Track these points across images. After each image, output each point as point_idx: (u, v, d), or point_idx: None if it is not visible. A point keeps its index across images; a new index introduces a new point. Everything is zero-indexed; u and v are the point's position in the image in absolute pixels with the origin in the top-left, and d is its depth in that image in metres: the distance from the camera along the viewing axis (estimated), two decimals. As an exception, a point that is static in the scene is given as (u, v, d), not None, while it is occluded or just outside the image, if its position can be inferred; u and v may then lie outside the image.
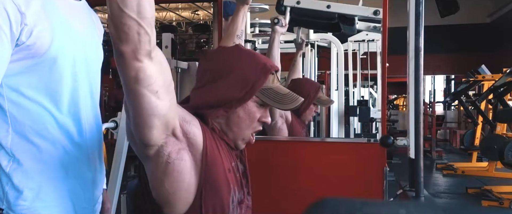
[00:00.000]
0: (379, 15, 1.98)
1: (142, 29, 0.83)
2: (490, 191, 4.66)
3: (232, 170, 1.09)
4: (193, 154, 1.00)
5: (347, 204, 0.35)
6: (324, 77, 4.18)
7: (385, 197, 1.87)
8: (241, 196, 1.11)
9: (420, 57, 1.10)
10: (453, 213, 0.35)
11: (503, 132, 5.78)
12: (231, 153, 1.12)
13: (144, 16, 0.83)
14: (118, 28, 0.83)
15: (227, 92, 1.06)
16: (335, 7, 2.05)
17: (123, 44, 0.83)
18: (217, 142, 1.06)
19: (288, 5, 2.05)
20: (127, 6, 0.81)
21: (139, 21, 0.82)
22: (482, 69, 6.24)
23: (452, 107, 11.69)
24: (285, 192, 1.96)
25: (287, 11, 2.06)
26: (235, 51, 1.14)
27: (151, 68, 0.87)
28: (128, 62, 0.84)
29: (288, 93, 1.12)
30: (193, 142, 1.00)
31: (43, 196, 1.05)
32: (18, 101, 1.01)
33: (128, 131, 0.98)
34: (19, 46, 0.97)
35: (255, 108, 1.09)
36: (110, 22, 0.84)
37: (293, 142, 2.03)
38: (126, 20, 0.82)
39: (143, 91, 0.87)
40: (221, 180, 1.03)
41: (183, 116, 0.99)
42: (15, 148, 1.02)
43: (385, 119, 2.20)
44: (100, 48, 1.25)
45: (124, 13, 0.81)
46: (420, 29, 1.11)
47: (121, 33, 0.83)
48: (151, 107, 0.89)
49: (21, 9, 0.96)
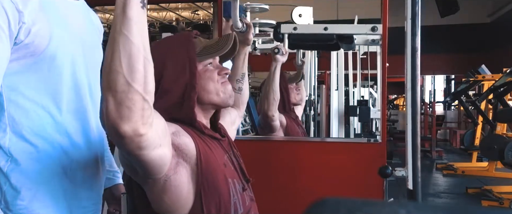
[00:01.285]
0: (377, 31, 1.97)
1: (146, 104, 0.80)
2: (490, 191, 4.66)
3: (227, 163, 1.10)
4: (188, 162, 1.01)
5: (347, 204, 0.34)
6: (324, 77, 4.17)
7: (385, 197, 1.87)
8: (241, 185, 1.12)
9: (416, 57, 1.11)
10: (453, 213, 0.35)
11: (503, 132, 5.78)
12: (221, 146, 1.13)
13: (149, 91, 0.80)
14: (121, 104, 0.77)
15: (178, 83, 1.07)
16: (333, 28, 2.02)
17: (124, 122, 0.78)
18: (205, 140, 1.08)
19: (285, 32, 2.05)
20: (135, 80, 0.77)
21: (144, 96, 0.79)
22: (482, 69, 6.23)
23: (452, 106, 11.69)
24: (285, 192, 1.96)
25: (285, 38, 2.05)
26: (153, 50, 1.16)
27: (153, 133, 0.84)
28: (129, 142, 0.81)
29: (218, 39, 1.16)
30: (186, 152, 1.00)
31: (41, 196, 1.05)
32: (17, 101, 1.01)
33: (126, 165, 0.98)
34: (18, 45, 0.97)
35: (207, 69, 1.13)
36: (110, 99, 0.78)
37: (293, 142, 2.03)
38: (132, 95, 0.77)
39: (148, 153, 0.86)
40: (219, 178, 1.04)
41: (171, 131, 0.99)
42: (13, 148, 1.01)
43: (385, 119, 2.20)
44: (99, 48, 1.25)
45: (132, 87, 0.77)
46: (416, 29, 1.11)
47: (123, 109, 0.77)
48: (160, 157, 0.90)
49: (19, 7, 0.95)
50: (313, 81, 3.39)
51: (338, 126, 3.06)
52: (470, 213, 0.34)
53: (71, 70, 1.09)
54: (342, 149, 2.00)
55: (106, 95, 0.79)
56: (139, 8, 0.79)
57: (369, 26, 1.98)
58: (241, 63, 1.44)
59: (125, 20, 0.77)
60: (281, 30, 2.06)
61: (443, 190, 5.34)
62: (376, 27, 1.95)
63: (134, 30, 0.78)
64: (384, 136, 1.96)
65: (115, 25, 0.79)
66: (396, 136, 7.73)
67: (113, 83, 0.77)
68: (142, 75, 0.78)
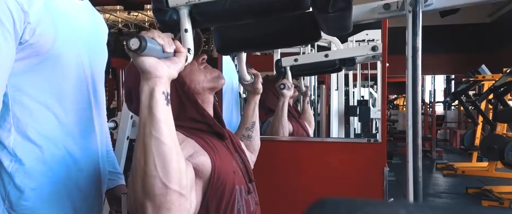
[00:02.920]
0: (378, 50, 1.96)
1: (183, 198, 0.80)
2: (490, 191, 4.66)
3: (236, 170, 1.10)
4: (202, 178, 0.99)
5: (347, 204, 0.34)
6: (324, 77, 4.17)
7: (385, 197, 1.87)
8: (247, 189, 1.11)
9: (417, 57, 1.10)
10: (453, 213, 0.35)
11: (503, 132, 5.78)
12: (227, 148, 1.13)
13: (185, 186, 0.80)
14: (160, 207, 0.78)
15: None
16: (333, 54, 2.01)
17: None
18: (215, 147, 1.06)
19: (287, 65, 2.03)
20: (171, 180, 0.77)
21: (181, 191, 0.79)
22: (482, 69, 6.24)
23: (452, 106, 11.69)
24: (285, 192, 1.96)
25: (288, 71, 2.03)
26: (130, 73, 1.16)
27: (190, 201, 0.87)
28: None
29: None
30: (202, 170, 0.99)
31: (45, 196, 1.05)
32: (22, 101, 1.01)
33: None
34: (23, 44, 0.98)
35: (188, 65, 1.09)
36: (149, 205, 0.77)
37: (293, 142, 2.03)
38: (171, 196, 0.77)
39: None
40: (227, 188, 1.03)
41: (188, 154, 0.97)
42: (17, 148, 1.02)
43: (385, 119, 2.20)
44: (104, 48, 1.25)
45: (169, 189, 0.77)
46: (417, 29, 1.10)
47: (163, 212, 0.78)
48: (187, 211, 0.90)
49: (24, 7, 0.96)
50: (313, 81, 3.39)
51: (338, 126, 3.06)
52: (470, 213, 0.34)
53: (76, 70, 1.09)
54: (342, 149, 1.99)
55: (143, 201, 0.78)
56: (165, 106, 0.78)
57: (369, 46, 1.98)
58: (251, 112, 1.43)
59: (153, 122, 0.77)
60: (283, 64, 2.05)
61: (443, 190, 5.34)
62: (376, 47, 1.96)
63: (164, 131, 0.77)
64: (384, 136, 1.96)
65: (143, 128, 0.78)
66: (396, 136, 7.73)
67: (150, 188, 0.77)
68: (177, 172, 0.78)
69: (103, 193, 1.24)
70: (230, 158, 1.11)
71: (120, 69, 5.85)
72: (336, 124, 3.05)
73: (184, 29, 0.88)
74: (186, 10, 0.88)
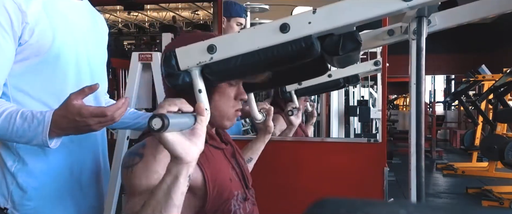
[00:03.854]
0: (379, 65, 1.97)
1: None
2: (490, 191, 4.66)
3: (233, 177, 1.08)
4: (196, 193, 0.99)
5: (347, 204, 0.34)
6: (324, 77, 4.17)
7: (385, 197, 1.87)
8: (243, 194, 1.10)
9: (421, 56, 1.09)
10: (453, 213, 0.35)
11: (503, 132, 5.79)
12: (225, 155, 1.11)
13: None
14: None
15: None
16: (337, 73, 1.99)
17: None
18: (209, 154, 1.04)
19: (291, 90, 2.03)
20: None
21: None
22: (482, 69, 6.24)
23: (452, 107, 11.70)
24: (285, 192, 1.96)
25: (293, 94, 2.03)
26: None
27: None
28: None
29: None
30: (194, 185, 0.97)
31: (47, 196, 1.05)
32: (24, 101, 1.01)
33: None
34: (22, 45, 0.98)
35: (227, 87, 1.06)
36: None
37: (293, 142, 2.03)
38: None
39: None
40: (224, 195, 1.03)
41: None
42: (20, 148, 1.02)
43: (385, 119, 2.20)
44: (103, 47, 1.25)
45: None
46: (422, 29, 1.10)
47: None
48: None
49: (22, 7, 0.96)
50: (313, 81, 3.38)
51: (338, 126, 3.06)
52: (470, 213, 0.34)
53: (75, 70, 1.09)
54: (342, 149, 1.99)
55: None
56: (184, 191, 0.80)
57: (371, 62, 1.99)
58: (255, 149, 1.43)
59: (169, 206, 0.78)
60: (287, 89, 2.04)
61: (443, 190, 5.34)
62: (378, 62, 1.97)
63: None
64: (384, 136, 1.96)
65: (155, 206, 0.78)
66: (396, 136, 7.73)
67: None
68: None
69: (104, 192, 1.25)
70: (227, 164, 1.09)
71: (120, 69, 5.85)
72: (336, 124, 3.05)
73: (198, 90, 0.86)
74: (198, 71, 0.86)
